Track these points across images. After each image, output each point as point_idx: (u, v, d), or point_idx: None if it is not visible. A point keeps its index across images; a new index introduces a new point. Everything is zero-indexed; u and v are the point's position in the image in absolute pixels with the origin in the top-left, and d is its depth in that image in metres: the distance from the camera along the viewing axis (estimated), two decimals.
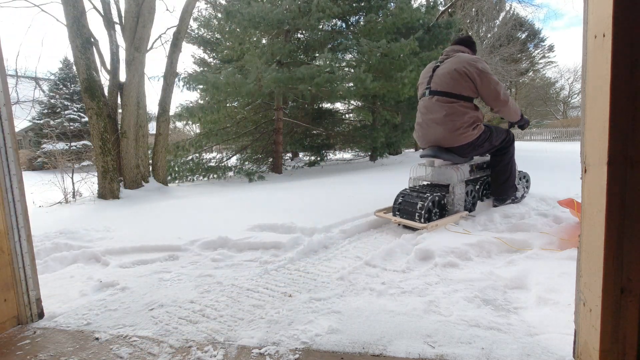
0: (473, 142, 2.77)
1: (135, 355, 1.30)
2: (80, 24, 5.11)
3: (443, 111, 2.70)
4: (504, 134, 3.00)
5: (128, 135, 5.54)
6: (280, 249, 2.41)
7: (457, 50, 2.88)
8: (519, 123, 3.04)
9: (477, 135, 2.75)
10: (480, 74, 2.64)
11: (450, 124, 2.69)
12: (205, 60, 13.47)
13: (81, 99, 16.02)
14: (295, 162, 11.60)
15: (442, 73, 2.74)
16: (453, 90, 2.68)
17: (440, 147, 2.83)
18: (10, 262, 1.52)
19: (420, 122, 2.90)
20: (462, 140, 2.73)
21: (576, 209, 2.43)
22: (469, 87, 2.67)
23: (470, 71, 2.64)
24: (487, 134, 2.83)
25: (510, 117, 2.92)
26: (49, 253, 2.46)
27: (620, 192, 0.90)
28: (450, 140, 2.74)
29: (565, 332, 1.28)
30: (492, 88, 2.67)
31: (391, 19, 7.96)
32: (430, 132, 2.83)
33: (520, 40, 24.00)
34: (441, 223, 2.65)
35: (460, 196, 2.90)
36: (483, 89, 2.68)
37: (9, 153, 1.48)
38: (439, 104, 2.72)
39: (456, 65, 2.68)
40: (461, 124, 2.68)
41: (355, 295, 1.69)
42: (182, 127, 20.15)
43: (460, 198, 2.90)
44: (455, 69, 2.66)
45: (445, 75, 2.71)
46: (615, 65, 0.88)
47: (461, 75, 2.65)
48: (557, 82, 29.85)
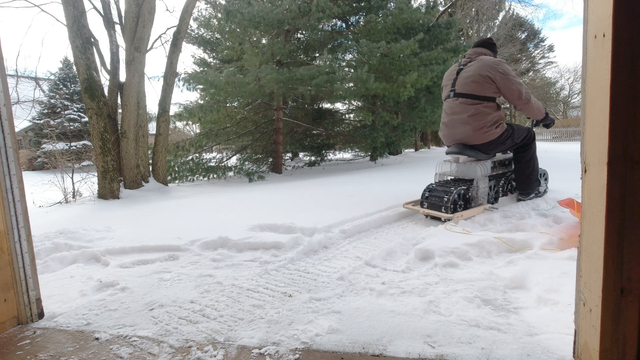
0: (496, 140, 2.97)
1: (135, 355, 1.30)
2: (80, 24, 5.11)
3: (467, 112, 2.92)
4: (525, 131, 3.18)
5: (128, 135, 5.54)
6: (281, 249, 2.41)
7: (480, 52, 3.06)
8: (544, 122, 3.23)
9: (500, 133, 2.95)
10: (502, 77, 2.84)
11: (475, 123, 2.90)
12: (205, 60, 13.46)
13: (81, 99, 16.03)
14: (295, 162, 11.61)
15: (466, 76, 2.95)
16: (477, 93, 2.89)
17: (464, 144, 3.05)
18: (10, 262, 1.52)
19: (446, 121, 3.11)
20: (485, 138, 2.94)
21: (576, 209, 2.44)
22: (491, 88, 2.87)
23: (493, 74, 2.83)
24: (509, 132, 3.02)
25: (534, 115, 3.09)
26: (49, 253, 2.46)
27: (620, 192, 0.90)
28: (474, 138, 2.96)
29: (565, 332, 1.28)
30: (514, 89, 2.86)
31: (391, 19, 7.96)
32: (455, 131, 3.04)
33: (520, 40, 23.99)
34: (466, 214, 2.86)
35: (484, 190, 3.12)
36: (505, 90, 2.87)
37: (9, 153, 1.48)
38: (463, 106, 2.94)
39: (479, 70, 2.87)
40: (484, 123, 2.89)
41: (355, 295, 1.69)
42: (182, 127, 20.15)
43: (483, 192, 3.12)
44: (479, 74, 2.86)
45: (469, 79, 2.92)
46: (615, 65, 0.88)
47: (485, 79, 2.85)
48: (557, 82, 29.88)
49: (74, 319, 1.58)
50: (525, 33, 25.40)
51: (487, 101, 2.89)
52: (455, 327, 1.37)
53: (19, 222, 1.53)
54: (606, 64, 0.90)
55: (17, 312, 1.55)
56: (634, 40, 0.87)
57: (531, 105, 2.96)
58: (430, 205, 2.98)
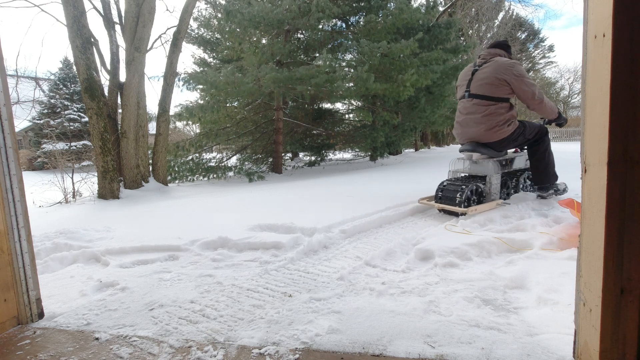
0: (508, 138, 3.09)
1: (135, 355, 1.30)
2: (80, 24, 5.11)
3: (481, 112, 3.03)
4: (537, 127, 3.26)
5: (128, 135, 5.54)
6: (281, 249, 2.41)
7: (495, 53, 3.14)
8: (557, 121, 3.30)
9: (512, 131, 3.07)
10: (516, 79, 2.93)
11: (488, 123, 3.02)
12: (205, 60, 13.45)
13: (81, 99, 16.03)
14: (295, 162, 11.60)
15: (480, 78, 3.05)
16: (491, 94, 3.00)
17: (477, 142, 3.17)
18: (10, 262, 1.52)
19: (460, 120, 3.22)
20: (498, 136, 3.05)
21: (576, 208, 2.45)
22: (506, 90, 2.98)
23: (509, 77, 2.94)
24: (521, 129, 3.13)
25: (547, 115, 3.16)
26: (49, 253, 2.46)
27: (620, 192, 0.90)
28: (487, 137, 3.08)
29: (565, 332, 1.28)
30: (527, 90, 2.96)
31: (391, 20, 7.96)
32: (469, 130, 3.15)
33: (520, 40, 23.99)
34: (480, 208, 2.99)
35: (496, 186, 3.26)
36: (519, 91, 2.97)
37: (9, 153, 1.48)
38: (477, 106, 3.06)
39: (495, 72, 2.97)
40: (497, 122, 3.01)
41: (355, 295, 1.69)
42: (182, 127, 20.15)
43: (496, 188, 3.25)
44: (495, 76, 2.96)
45: (483, 80, 3.02)
46: (615, 65, 0.88)
47: (500, 81, 2.96)
48: (557, 82, 29.85)
49: (74, 319, 1.58)
50: (525, 33, 25.40)
51: (500, 102, 3.00)
52: (455, 327, 1.37)
53: (19, 222, 1.52)
54: (606, 64, 0.90)
55: (17, 312, 1.55)
56: (634, 40, 0.87)
57: (544, 105, 3.05)
58: (445, 200, 3.13)
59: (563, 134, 21.28)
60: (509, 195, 3.46)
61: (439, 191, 3.24)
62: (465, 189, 3.06)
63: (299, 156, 12.84)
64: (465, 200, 3.02)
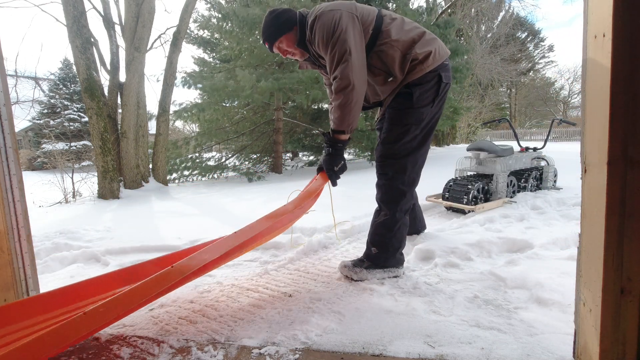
0: None
1: (135, 355, 1.30)
2: (80, 24, 5.11)
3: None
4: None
5: (128, 135, 5.54)
6: (280, 249, 2.41)
7: None
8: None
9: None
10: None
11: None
12: (205, 60, 13.45)
13: (81, 99, 16.01)
14: (295, 161, 11.60)
15: None
16: None
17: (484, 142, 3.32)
18: (10, 262, 1.52)
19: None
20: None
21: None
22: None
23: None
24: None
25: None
26: (49, 253, 2.46)
27: (620, 192, 0.90)
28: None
29: (565, 332, 1.28)
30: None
31: None
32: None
33: (520, 40, 23.98)
34: (487, 206, 3.10)
35: (503, 185, 3.35)
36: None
37: (9, 153, 1.48)
38: None
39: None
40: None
41: (355, 295, 1.69)
42: (181, 127, 20.15)
43: (502, 186, 3.35)
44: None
45: None
46: (615, 65, 0.88)
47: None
48: (557, 82, 29.84)
49: None
50: (525, 33, 25.40)
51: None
52: (455, 327, 1.37)
53: (18, 222, 1.52)
54: (606, 64, 0.90)
55: None
56: (634, 40, 0.87)
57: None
58: (452, 198, 3.20)
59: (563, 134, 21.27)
60: (514, 193, 3.55)
61: (446, 189, 3.32)
62: (473, 186, 3.14)
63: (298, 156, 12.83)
64: (473, 198, 3.11)
